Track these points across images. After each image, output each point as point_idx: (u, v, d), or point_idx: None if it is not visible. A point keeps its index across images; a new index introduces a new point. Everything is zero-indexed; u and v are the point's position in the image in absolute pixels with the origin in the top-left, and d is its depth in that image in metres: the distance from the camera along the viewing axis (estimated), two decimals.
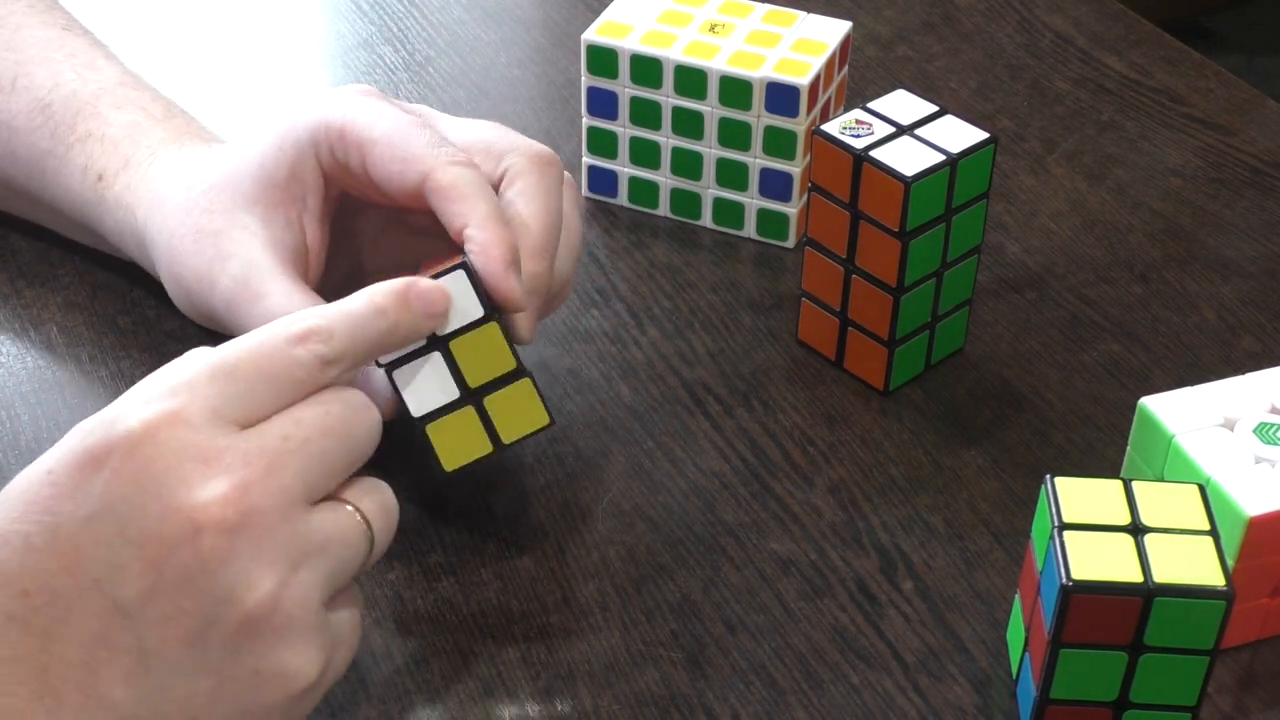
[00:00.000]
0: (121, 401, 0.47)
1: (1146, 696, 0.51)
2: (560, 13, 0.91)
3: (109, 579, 0.45)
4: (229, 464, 0.46)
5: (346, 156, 0.59)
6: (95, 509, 0.45)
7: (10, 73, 0.67)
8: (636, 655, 0.56)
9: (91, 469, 0.46)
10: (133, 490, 0.45)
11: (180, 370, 0.48)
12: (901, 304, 0.64)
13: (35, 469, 0.47)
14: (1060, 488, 0.52)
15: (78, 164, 0.65)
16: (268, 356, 0.48)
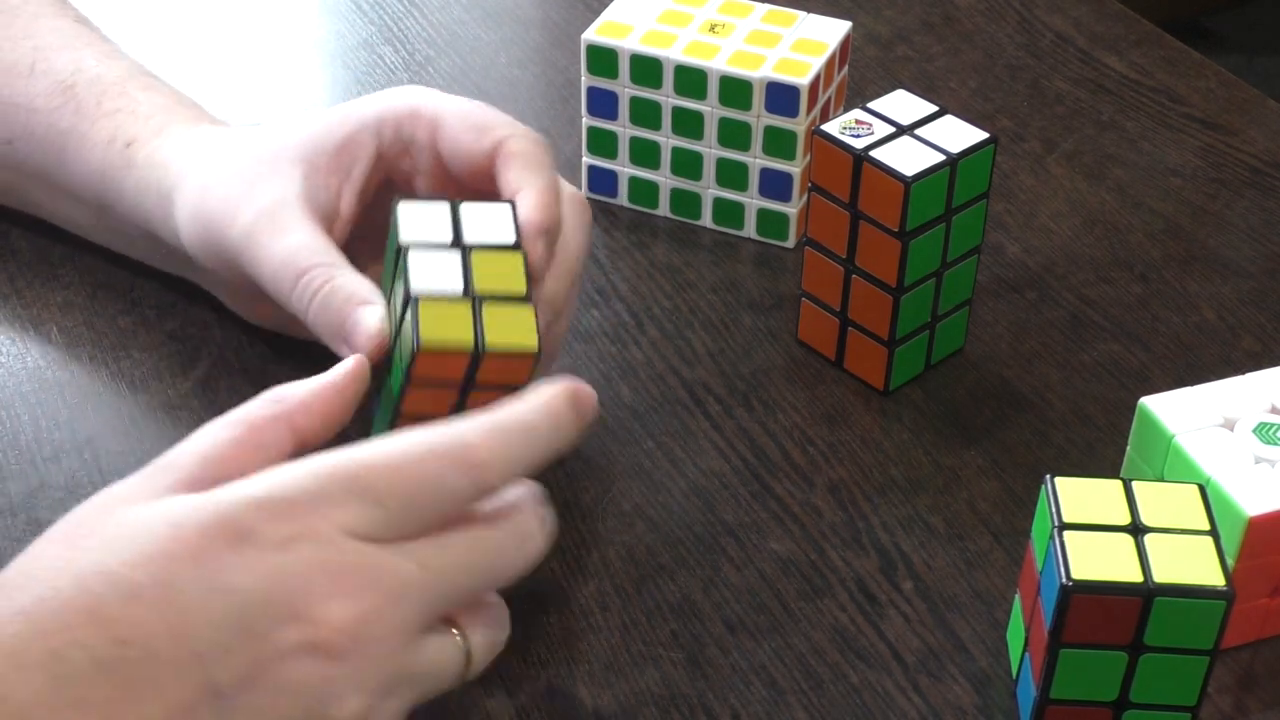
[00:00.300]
0: (263, 485, 0.47)
1: (1146, 696, 0.51)
2: (560, 13, 0.91)
3: (212, 657, 0.45)
4: (356, 585, 0.46)
5: (414, 131, 0.59)
6: (217, 587, 0.45)
7: (28, 58, 0.67)
8: (636, 655, 0.56)
9: (226, 547, 0.46)
10: (262, 585, 0.46)
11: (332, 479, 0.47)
12: (901, 304, 0.64)
13: (160, 517, 0.46)
14: (1060, 488, 0.52)
15: (103, 135, 0.65)
16: (429, 482, 0.48)
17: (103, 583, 0.45)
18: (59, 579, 0.45)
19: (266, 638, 0.46)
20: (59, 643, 0.44)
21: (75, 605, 0.44)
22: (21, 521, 0.60)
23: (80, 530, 0.47)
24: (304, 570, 0.46)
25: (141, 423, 0.64)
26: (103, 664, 0.44)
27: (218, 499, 0.47)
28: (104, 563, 0.45)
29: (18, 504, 0.61)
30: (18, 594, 0.45)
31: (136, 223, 0.65)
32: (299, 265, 0.57)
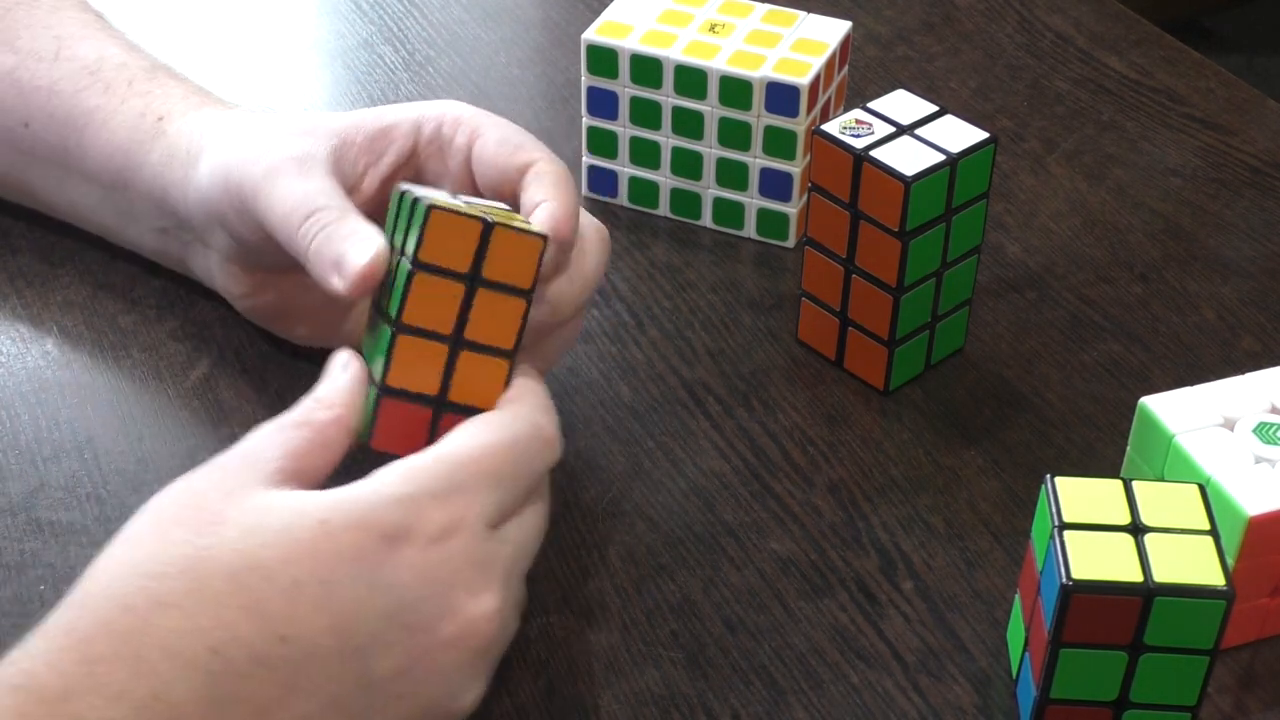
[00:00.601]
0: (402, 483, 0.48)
1: (1146, 696, 0.51)
2: (560, 13, 0.91)
3: (371, 651, 0.47)
4: (497, 576, 0.49)
5: (454, 135, 0.60)
6: (380, 585, 0.47)
7: (52, 46, 0.68)
8: (636, 655, 0.56)
9: (383, 546, 0.47)
10: (421, 582, 0.47)
11: (461, 468, 0.49)
12: (901, 304, 0.64)
13: (291, 508, 0.47)
14: (1060, 488, 0.52)
15: (133, 111, 0.65)
16: (526, 460, 0.51)
17: (260, 579, 0.45)
18: (203, 569, 0.45)
19: (425, 631, 0.47)
20: (218, 639, 0.44)
21: (233, 601, 0.45)
22: (21, 521, 0.60)
23: (204, 515, 0.47)
24: (457, 564, 0.48)
25: (141, 423, 0.64)
26: (263, 660, 0.44)
27: (358, 496, 0.48)
28: (256, 556, 0.46)
29: (18, 504, 0.61)
30: (155, 583, 0.45)
31: (153, 195, 0.65)
32: (313, 205, 0.56)
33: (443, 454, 0.50)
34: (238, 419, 0.64)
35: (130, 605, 0.44)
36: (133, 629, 0.44)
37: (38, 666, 0.43)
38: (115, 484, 0.61)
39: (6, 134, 0.68)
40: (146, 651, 0.43)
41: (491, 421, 0.51)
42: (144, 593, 0.44)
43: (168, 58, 0.70)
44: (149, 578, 0.45)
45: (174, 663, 0.43)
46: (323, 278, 0.55)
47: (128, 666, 0.43)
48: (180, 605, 0.44)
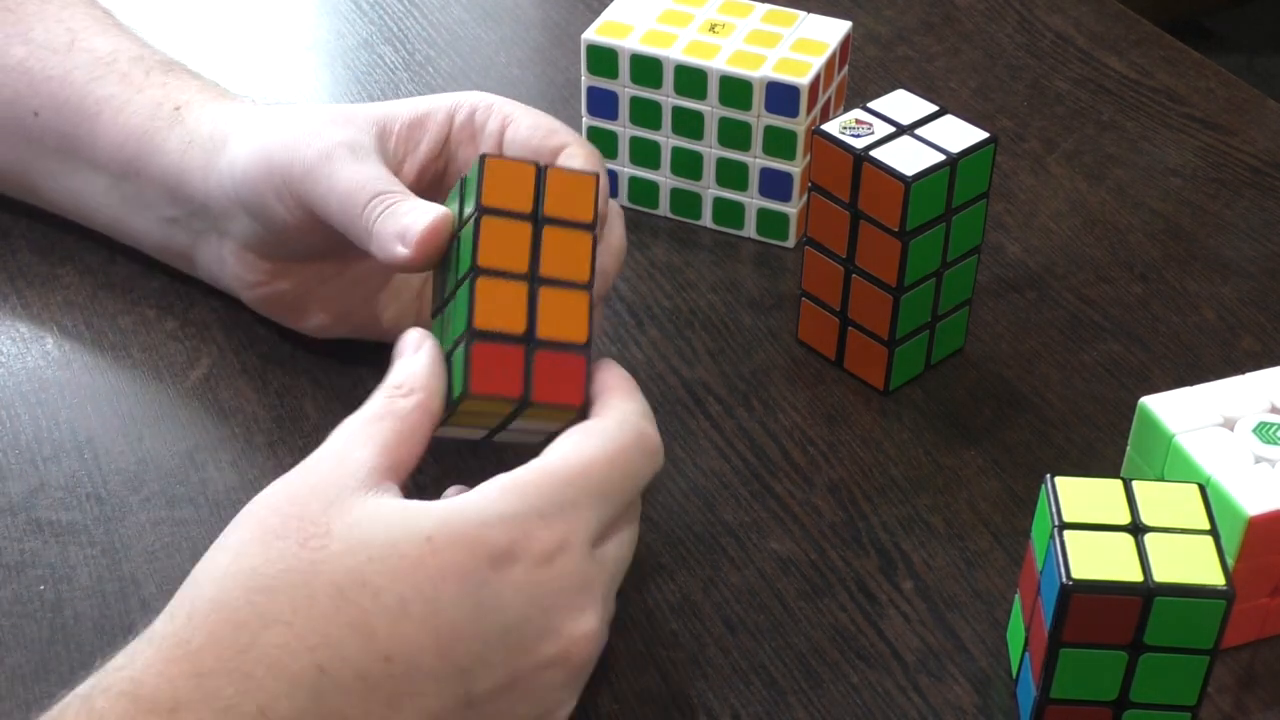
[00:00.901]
0: (509, 500, 0.48)
1: (1146, 696, 0.51)
2: (560, 13, 0.91)
3: (474, 672, 0.47)
4: (598, 596, 0.49)
5: (486, 120, 0.60)
6: (485, 604, 0.47)
7: (66, 38, 0.68)
8: (636, 655, 0.56)
9: (489, 566, 0.47)
10: (526, 604, 0.47)
11: (567, 485, 0.49)
12: (901, 304, 0.64)
13: (397, 522, 0.47)
14: (1060, 487, 0.52)
15: (149, 100, 0.66)
16: (632, 473, 0.51)
17: (367, 596, 0.45)
18: (311, 585, 0.45)
19: (526, 653, 0.47)
20: (324, 657, 0.44)
21: (340, 618, 0.45)
22: (21, 521, 0.60)
23: (309, 527, 0.46)
24: (560, 585, 0.48)
25: (141, 423, 0.64)
26: (366, 678, 0.45)
27: (465, 514, 0.47)
28: (361, 572, 0.45)
29: (18, 504, 0.61)
30: (264, 598, 0.45)
31: (168, 181, 0.65)
32: (376, 188, 0.57)
33: (550, 468, 0.49)
34: (238, 419, 0.64)
35: (239, 620, 0.44)
36: (241, 644, 0.44)
37: (147, 676, 0.44)
38: (115, 484, 0.62)
39: (15, 124, 0.68)
40: (253, 667, 0.44)
41: (595, 431, 0.51)
42: (252, 607, 0.45)
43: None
44: (256, 592, 0.45)
45: (280, 679, 0.44)
46: (386, 251, 0.55)
47: (235, 681, 0.43)
48: (288, 622, 0.44)
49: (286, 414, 0.65)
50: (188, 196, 0.64)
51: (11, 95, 0.68)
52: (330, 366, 0.67)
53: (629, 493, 0.51)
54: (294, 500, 0.48)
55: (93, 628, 0.56)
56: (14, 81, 0.68)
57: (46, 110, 0.67)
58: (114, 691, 0.43)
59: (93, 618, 0.57)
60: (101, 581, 0.58)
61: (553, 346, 0.52)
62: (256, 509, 0.48)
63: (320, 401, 0.65)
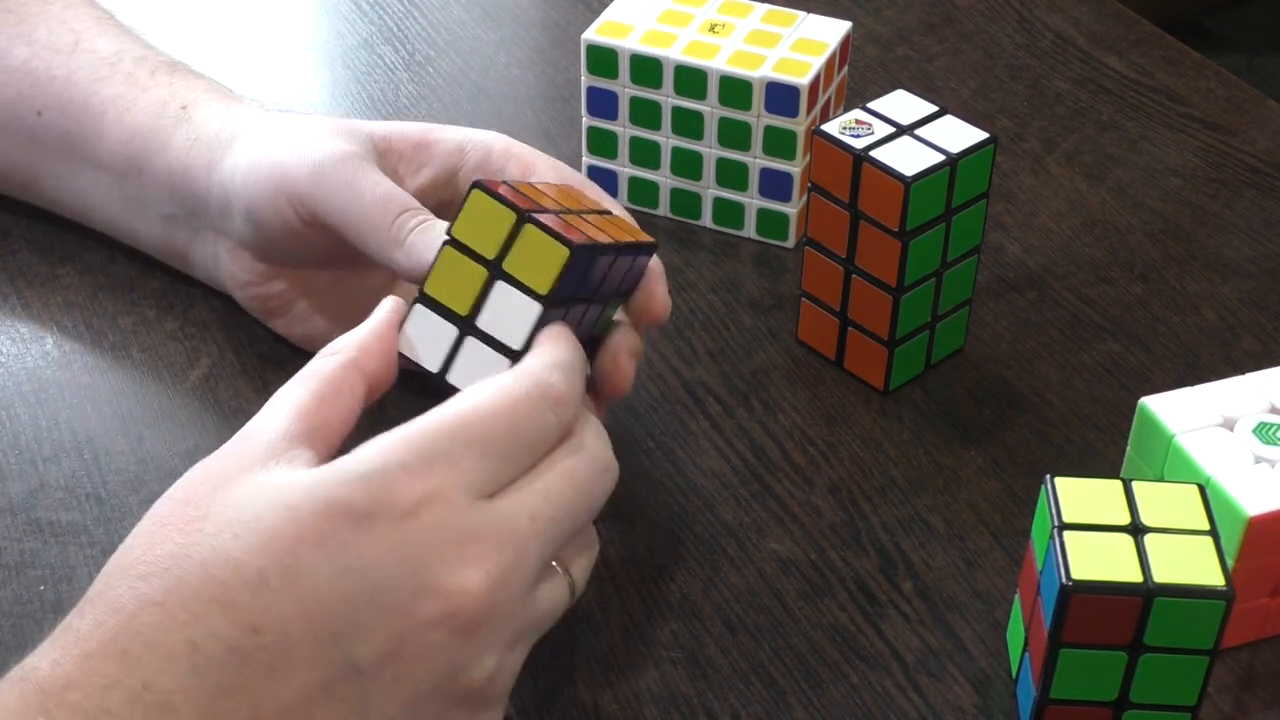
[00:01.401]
0: (374, 458, 0.47)
1: (1146, 696, 0.51)
2: (560, 13, 0.91)
3: (348, 635, 0.46)
4: (484, 550, 0.47)
5: (505, 166, 0.61)
6: (347, 567, 0.46)
7: (69, 39, 0.69)
8: (636, 655, 0.56)
9: (349, 527, 0.46)
10: (392, 562, 0.46)
11: (439, 436, 0.48)
12: (901, 304, 0.64)
13: (266, 495, 0.47)
14: (1060, 488, 0.52)
15: (155, 99, 0.66)
16: (524, 424, 0.49)
17: (228, 571, 0.45)
18: (182, 567, 0.46)
19: (405, 612, 0.46)
20: (194, 632, 0.45)
21: (205, 595, 0.45)
22: (21, 521, 0.60)
23: (191, 512, 0.47)
24: (432, 540, 0.46)
25: (141, 423, 0.64)
26: (239, 651, 0.45)
27: (329, 477, 0.47)
28: (226, 549, 0.46)
29: (18, 504, 0.61)
30: (143, 583, 0.46)
31: (171, 179, 0.65)
32: (402, 203, 0.57)
33: (423, 421, 0.48)
34: (238, 419, 0.64)
35: (119, 605, 0.45)
36: (120, 627, 0.45)
37: (41, 662, 0.45)
38: (115, 484, 0.62)
39: (18, 123, 0.68)
40: (132, 646, 0.45)
41: (489, 384, 0.50)
42: (132, 593, 0.46)
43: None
44: (138, 579, 0.46)
45: (156, 656, 0.44)
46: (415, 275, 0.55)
47: (116, 661, 0.44)
48: (161, 603, 0.45)
49: None
50: (189, 193, 0.65)
51: (15, 95, 0.68)
52: None
53: (521, 443, 0.49)
54: (187, 487, 0.48)
55: None
56: (17, 82, 0.68)
57: (50, 110, 0.68)
58: (13, 677, 0.45)
59: None
60: None
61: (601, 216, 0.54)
62: (157, 504, 0.48)
63: None
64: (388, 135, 0.62)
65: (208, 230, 0.66)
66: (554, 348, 0.51)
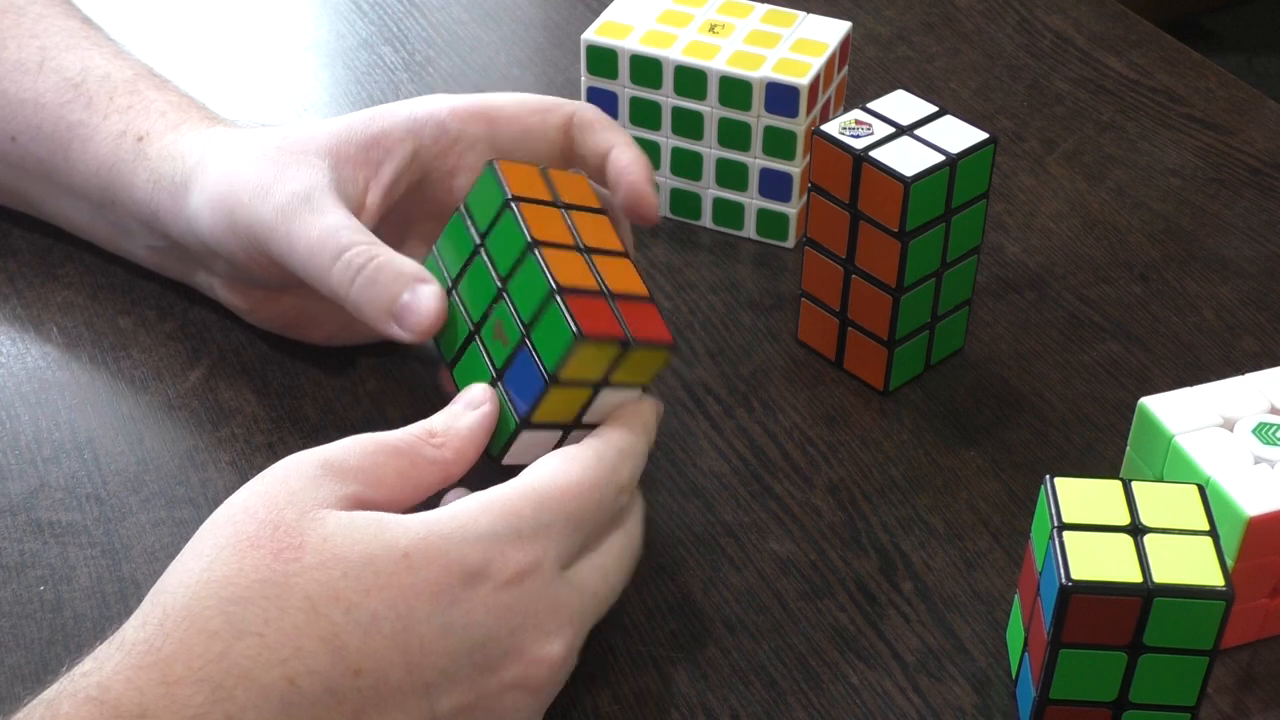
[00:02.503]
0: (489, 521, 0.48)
1: (1146, 696, 0.51)
2: (560, 13, 0.91)
3: (438, 687, 0.47)
4: (563, 621, 0.49)
5: (461, 127, 0.60)
6: (453, 623, 0.47)
7: (37, 56, 0.67)
8: (636, 655, 0.56)
9: (460, 584, 0.47)
10: (492, 623, 0.47)
11: (544, 509, 0.49)
12: (901, 304, 0.64)
13: (375, 538, 0.47)
14: (1060, 488, 0.52)
15: (114, 130, 0.65)
16: (605, 504, 0.51)
17: (339, 610, 0.45)
18: (285, 598, 0.45)
19: (491, 672, 0.48)
20: (295, 669, 0.44)
21: (311, 631, 0.45)
22: (21, 521, 0.60)
23: (284, 538, 0.46)
24: (528, 606, 0.48)
25: (141, 423, 0.64)
26: (335, 691, 0.45)
27: (445, 532, 0.47)
28: (334, 587, 0.46)
29: (18, 504, 0.61)
30: (237, 607, 0.45)
31: (143, 217, 0.65)
32: (340, 243, 0.56)
33: (528, 488, 0.49)
34: (238, 419, 0.64)
35: (211, 630, 0.44)
36: (212, 654, 0.44)
37: (114, 682, 0.44)
38: (115, 484, 0.62)
39: None
40: (224, 677, 0.44)
41: (576, 458, 0.51)
42: (225, 617, 0.45)
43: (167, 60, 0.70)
44: (230, 602, 0.45)
45: (250, 690, 0.44)
46: (376, 324, 0.55)
47: (205, 691, 0.44)
48: (259, 633, 0.45)
49: (286, 414, 0.65)
50: (164, 233, 0.64)
51: None
52: (330, 366, 0.67)
53: (598, 523, 0.51)
54: (271, 507, 0.47)
55: (93, 628, 0.56)
56: None
57: (24, 135, 0.67)
58: (80, 696, 0.43)
59: (93, 618, 0.57)
60: (101, 582, 0.58)
61: (626, 298, 0.54)
62: (232, 512, 0.48)
63: (320, 401, 0.65)
64: (337, 145, 0.60)
65: (198, 266, 0.65)
66: (627, 433, 0.53)
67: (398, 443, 0.51)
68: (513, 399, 0.53)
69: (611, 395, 0.54)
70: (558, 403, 0.53)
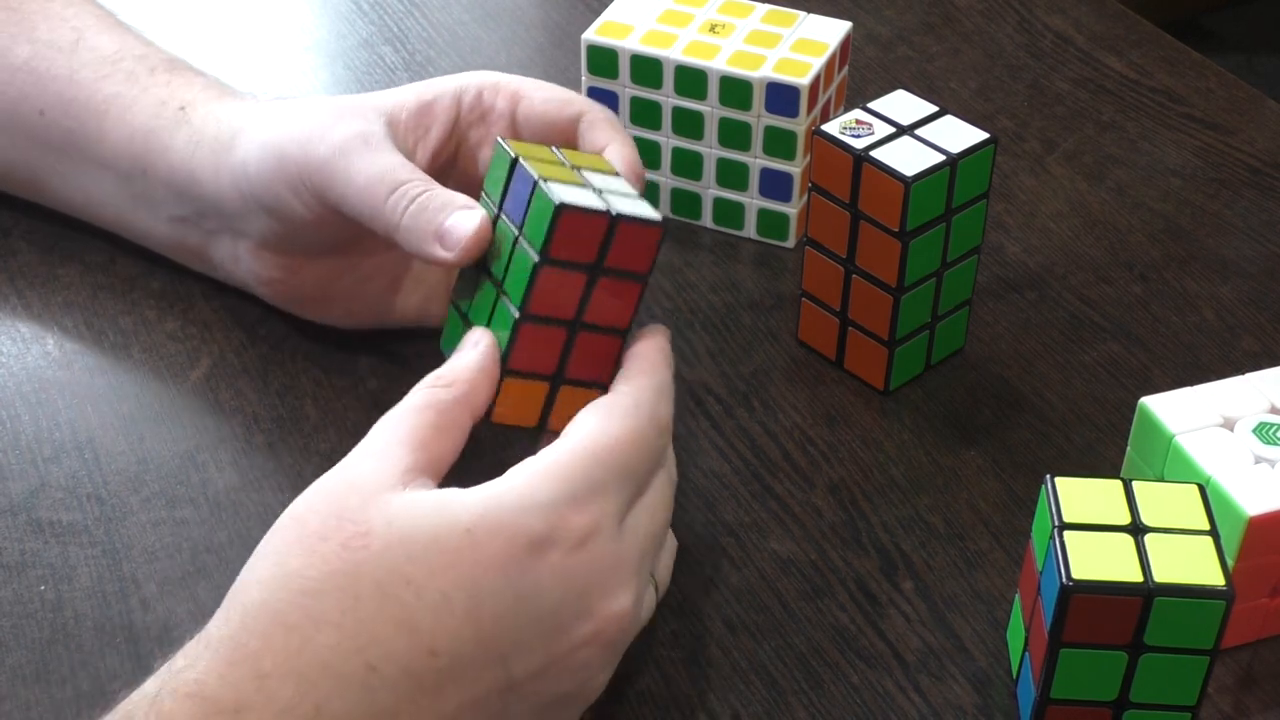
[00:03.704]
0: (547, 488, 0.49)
1: (1146, 696, 0.51)
2: (560, 13, 0.91)
3: (514, 657, 0.48)
4: (627, 573, 0.50)
5: (495, 100, 0.61)
6: (524, 593, 0.47)
7: (71, 36, 0.68)
8: (636, 655, 0.56)
9: (527, 554, 0.48)
10: (562, 589, 0.48)
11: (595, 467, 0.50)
12: (901, 304, 0.64)
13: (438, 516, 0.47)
14: (1060, 488, 0.52)
15: (155, 99, 0.66)
16: (651, 452, 0.52)
17: (410, 593, 0.46)
18: (358, 585, 0.46)
19: (564, 634, 0.48)
20: (373, 656, 0.45)
21: (385, 617, 0.46)
22: (21, 521, 0.60)
23: (350, 527, 0.47)
24: (594, 567, 0.49)
25: (141, 423, 0.64)
26: (413, 672, 0.46)
27: (505, 504, 0.48)
28: (403, 570, 0.46)
29: (18, 504, 0.61)
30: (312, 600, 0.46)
31: (176, 181, 0.65)
32: (396, 178, 0.57)
33: (578, 449, 0.50)
34: (238, 419, 0.64)
35: (291, 623, 0.45)
36: (294, 647, 0.45)
37: (210, 678, 0.45)
38: (115, 484, 0.62)
39: (21, 122, 0.68)
40: (308, 669, 0.45)
41: (616, 410, 0.52)
42: (302, 610, 0.46)
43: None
44: (304, 595, 0.46)
45: (333, 679, 0.45)
46: (420, 248, 0.56)
47: (293, 683, 0.44)
48: (336, 623, 0.45)
49: (286, 414, 0.65)
50: (197, 196, 0.64)
51: (17, 94, 0.68)
52: (330, 366, 0.67)
53: (647, 470, 0.52)
54: (332, 499, 0.48)
55: (93, 628, 0.56)
56: (20, 81, 0.68)
57: (53, 109, 0.67)
58: (181, 693, 0.44)
59: (93, 618, 0.57)
60: (101, 581, 0.58)
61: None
62: (298, 510, 0.49)
63: (320, 401, 0.65)
64: (392, 109, 0.61)
65: (224, 233, 0.65)
66: (655, 373, 0.54)
67: (415, 403, 0.51)
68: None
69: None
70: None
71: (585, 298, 0.54)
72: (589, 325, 0.54)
